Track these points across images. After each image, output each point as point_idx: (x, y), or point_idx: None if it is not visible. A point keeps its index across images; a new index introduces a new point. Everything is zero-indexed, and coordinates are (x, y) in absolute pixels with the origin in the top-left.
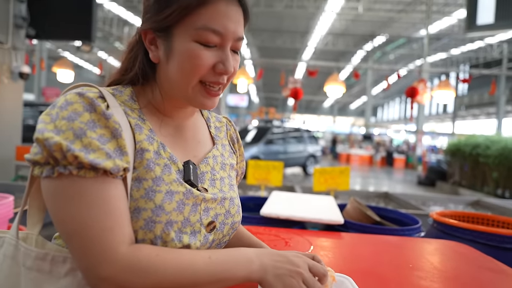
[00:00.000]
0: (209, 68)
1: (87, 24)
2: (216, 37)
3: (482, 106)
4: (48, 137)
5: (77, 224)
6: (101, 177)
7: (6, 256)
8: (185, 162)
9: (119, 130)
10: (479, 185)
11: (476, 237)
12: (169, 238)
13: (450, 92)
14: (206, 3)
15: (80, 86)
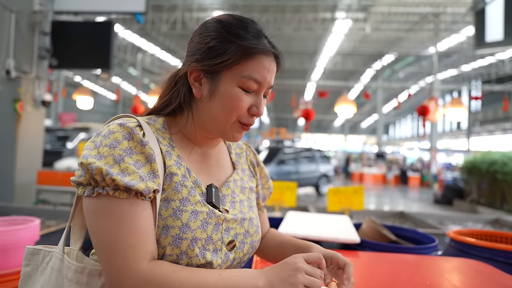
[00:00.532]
0: (244, 109)
1: (106, 54)
2: (255, 85)
3: (497, 122)
4: (91, 162)
5: (107, 238)
6: (132, 199)
7: (54, 268)
8: (208, 186)
9: (153, 155)
10: (498, 203)
11: (494, 255)
12: (194, 254)
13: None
14: (252, 57)
15: (121, 117)
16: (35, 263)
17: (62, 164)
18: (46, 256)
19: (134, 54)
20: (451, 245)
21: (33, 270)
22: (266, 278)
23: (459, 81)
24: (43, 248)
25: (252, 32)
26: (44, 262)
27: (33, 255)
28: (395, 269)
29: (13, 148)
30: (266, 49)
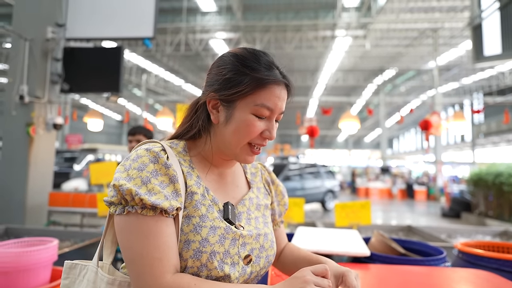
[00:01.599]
0: (257, 133)
1: (115, 77)
2: (268, 111)
3: (501, 133)
4: (122, 184)
5: (135, 252)
6: (157, 216)
7: (89, 280)
8: (224, 204)
9: (176, 176)
10: (506, 215)
11: (501, 265)
12: (213, 267)
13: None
14: (265, 87)
15: (147, 143)
16: (73, 276)
17: (69, 186)
18: (82, 270)
19: (139, 76)
20: (459, 256)
21: (71, 282)
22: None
23: (460, 94)
24: (80, 262)
25: (264, 64)
26: (81, 275)
27: (71, 269)
28: (405, 281)
29: (25, 170)
30: (278, 80)
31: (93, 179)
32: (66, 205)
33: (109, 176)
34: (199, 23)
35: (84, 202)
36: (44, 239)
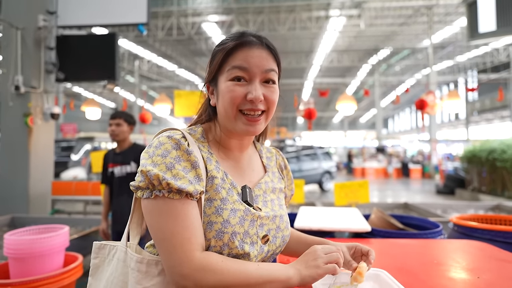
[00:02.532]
0: (242, 98)
1: (111, 65)
2: (242, 72)
3: (495, 110)
4: (149, 170)
5: (165, 233)
6: (183, 199)
7: (119, 259)
8: (242, 187)
9: (197, 162)
10: (499, 190)
11: (493, 236)
12: (234, 246)
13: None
14: (232, 53)
15: (167, 130)
16: (102, 255)
17: (68, 174)
18: (111, 250)
19: (131, 62)
20: (454, 229)
21: (101, 261)
22: (295, 268)
23: (455, 72)
24: (108, 243)
25: (233, 36)
26: (110, 255)
27: (100, 249)
28: (405, 252)
29: (26, 160)
30: (242, 41)
31: (94, 167)
32: (69, 193)
33: None
34: (191, 6)
35: (87, 190)
36: (55, 226)
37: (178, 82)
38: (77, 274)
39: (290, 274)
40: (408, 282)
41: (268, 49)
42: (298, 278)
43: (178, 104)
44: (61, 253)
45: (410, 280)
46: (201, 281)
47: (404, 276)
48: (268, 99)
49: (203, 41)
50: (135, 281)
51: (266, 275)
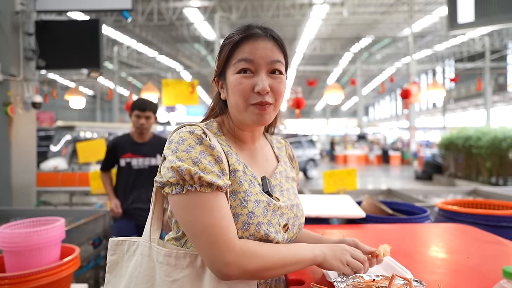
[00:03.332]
0: (250, 91)
1: (94, 52)
2: (248, 64)
3: (470, 98)
4: (180, 165)
5: (203, 226)
6: (215, 191)
7: (144, 254)
8: (262, 177)
9: (221, 157)
10: (474, 175)
11: (476, 219)
12: (260, 235)
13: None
14: (238, 46)
15: (186, 126)
16: (121, 252)
17: (48, 165)
18: (131, 246)
19: (110, 48)
20: (439, 214)
21: (119, 257)
22: (321, 250)
23: (433, 61)
24: (127, 239)
25: (239, 29)
26: (130, 250)
27: (118, 245)
28: (398, 236)
29: (7, 151)
30: (247, 34)
31: (81, 157)
32: (55, 185)
33: (97, 154)
34: None
35: (74, 181)
36: (51, 218)
37: (159, 69)
38: (74, 266)
39: (316, 254)
40: (405, 264)
41: (274, 40)
42: (322, 259)
43: (165, 93)
44: (58, 246)
45: (407, 262)
46: (245, 266)
47: (401, 258)
48: (275, 90)
49: (185, 27)
50: (165, 274)
51: (297, 255)
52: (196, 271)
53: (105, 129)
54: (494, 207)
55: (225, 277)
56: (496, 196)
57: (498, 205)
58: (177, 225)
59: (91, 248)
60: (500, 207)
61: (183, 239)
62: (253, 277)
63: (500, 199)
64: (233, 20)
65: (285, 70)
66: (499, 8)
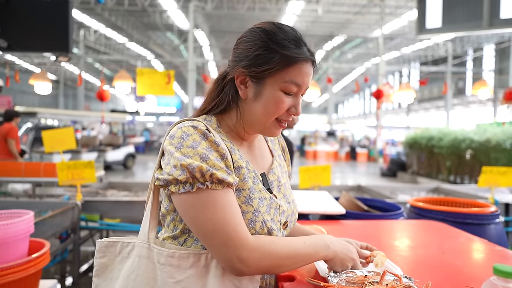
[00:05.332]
0: (285, 110)
1: (63, 35)
2: (296, 88)
3: (432, 100)
4: (190, 162)
5: (216, 223)
6: (226, 188)
7: (141, 256)
8: (261, 174)
9: (226, 154)
10: (435, 174)
11: (445, 216)
12: (264, 233)
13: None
14: (294, 65)
15: (188, 120)
16: (112, 254)
17: None
18: (124, 247)
19: (76, 31)
20: (411, 210)
21: (110, 260)
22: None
23: (400, 63)
24: (119, 240)
25: (293, 40)
26: (124, 252)
27: (108, 247)
28: (376, 232)
29: None
30: (306, 57)
31: (47, 146)
32: (18, 175)
33: (64, 143)
34: None
35: (39, 171)
36: (18, 211)
37: (129, 56)
38: (44, 261)
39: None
40: None
41: (314, 68)
42: (332, 255)
43: (140, 82)
44: (26, 240)
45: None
46: (259, 262)
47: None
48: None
49: (158, 14)
50: (168, 276)
51: (312, 252)
52: (200, 271)
53: (69, 117)
54: (459, 205)
55: (241, 273)
56: (456, 193)
57: (463, 203)
58: (173, 224)
59: (58, 242)
60: (465, 204)
61: (182, 237)
62: (267, 272)
63: (459, 195)
64: (208, 10)
65: None
66: (465, 16)
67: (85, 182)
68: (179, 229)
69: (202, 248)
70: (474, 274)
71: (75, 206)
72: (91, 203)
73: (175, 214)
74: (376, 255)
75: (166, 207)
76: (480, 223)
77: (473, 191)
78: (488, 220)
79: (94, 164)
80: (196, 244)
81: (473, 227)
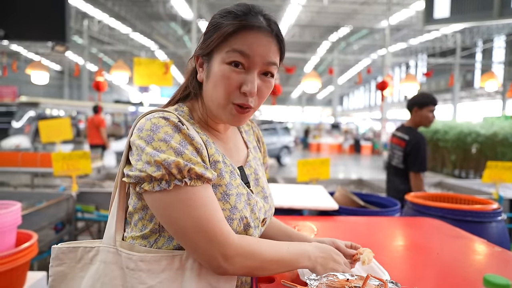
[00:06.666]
0: (236, 88)
1: (60, 25)
2: (242, 58)
3: (439, 93)
4: (165, 158)
5: (198, 221)
6: (205, 184)
7: (107, 262)
8: (239, 167)
9: (201, 148)
10: (439, 167)
11: (445, 213)
12: (240, 230)
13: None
14: (237, 31)
15: (157, 111)
16: (71, 261)
17: (9, 143)
18: (86, 252)
19: (80, 21)
20: (409, 206)
21: (69, 268)
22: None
23: (407, 54)
24: (80, 244)
25: (241, 9)
26: (86, 258)
27: (66, 253)
28: (369, 230)
29: None
30: (252, 23)
31: (44, 137)
32: (14, 165)
33: (61, 133)
34: None
35: (36, 162)
36: (3, 202)
37: (133, 46)
38: (32, 253)
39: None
40: (375, 259)
41: (277, 39)
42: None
43: (137, 72)
44: (13, 232)
45: (378, 257)
46: (244, 262)
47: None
48: (262, 94)
49: (161, 4)
50: (138, 282)
51: (295, 258)
52: (174, 274)
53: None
54: (460, 201)
55: (224, 272)
56: (459, 188)
57: (465, 199)
58: (142, 222)
59: (53, 232)
60: (466, 201)
61: (152, 237)
62: (249, 273)
63: (463, 191)
64: (212, 0)
65: None
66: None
67: (81, 173)
68: (149, 228)
69: (175, 248)
70: (468, 279)
71: (69, 197)
72: (87, 194)
73: (144, 212)
74: (363, 252)
75: (133, 205)
76: (480, 221)
77: (477, 186)
78: (490, 218)
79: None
80: (168, 244)
81: (474, 225)
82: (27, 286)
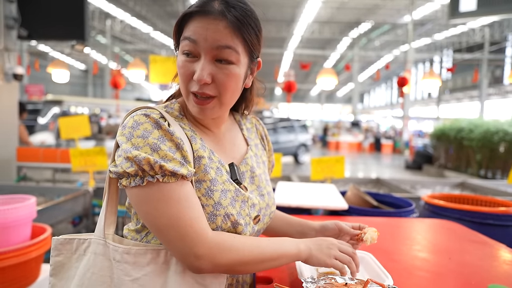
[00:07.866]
0: (190, 77)
1: (79, 23)
2: (191, 45)
3: (465, 90)
4: (137, 154)
5: (170, 218)
6: (180, 181)
7: (97, 253)
8: (229, 164)
9: (181, 144)
10: (463, 167)
11: (462, 215)
12: (227, 227)
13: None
14: (187, 21)
15: (142, 109)
16: (67, 252)
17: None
18: (80, 244)
19: (103, 21)
20: (425, 207)
21: (66, 258)
22: (305, 244)
23: (431, 50)
24: (75, 236)
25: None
26: (80, 250)
27: (64, 245)
28: (381, 231)
29: None
30: (197, 9)
31: (63, 133)
32: (36, 160)
33: (80, 130)
34: None
35: (56, 157)
36: (21, 196)
37: (153, 45)
38: (45, 246)
39: (301, 249)
40: (384, 263)
41: (231, 21)
42: (307, 254)
43: (153, 69)
44: (28, 225)
45: (386, 261)
46: (218, 259)
47: (380, 257)
48: (220, 82)
49: (180, 2)
50: (124, 274)
51: (279, 250)
52: (159, 267)
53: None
54: (481, 203)
55: (199, 271)
56: (483, 189)
57: (486, 200)
58: (136, 216)
59: (71, 226)
60: (488, 203)
61: (144, 231)
62: (227, 271)
63: (488, 192)
64: None
65: (249, 58)
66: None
67: (97, 169)
68: (141, 223)
69: None
70: (479, 286)
71: (86, 192)
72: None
73: None
74: (367, 231)
75: (128, 200)
76: (502, 224)
77: (504, 187)
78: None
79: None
80: (157, 239)
81: (494, 228)
82: (41, 278)
